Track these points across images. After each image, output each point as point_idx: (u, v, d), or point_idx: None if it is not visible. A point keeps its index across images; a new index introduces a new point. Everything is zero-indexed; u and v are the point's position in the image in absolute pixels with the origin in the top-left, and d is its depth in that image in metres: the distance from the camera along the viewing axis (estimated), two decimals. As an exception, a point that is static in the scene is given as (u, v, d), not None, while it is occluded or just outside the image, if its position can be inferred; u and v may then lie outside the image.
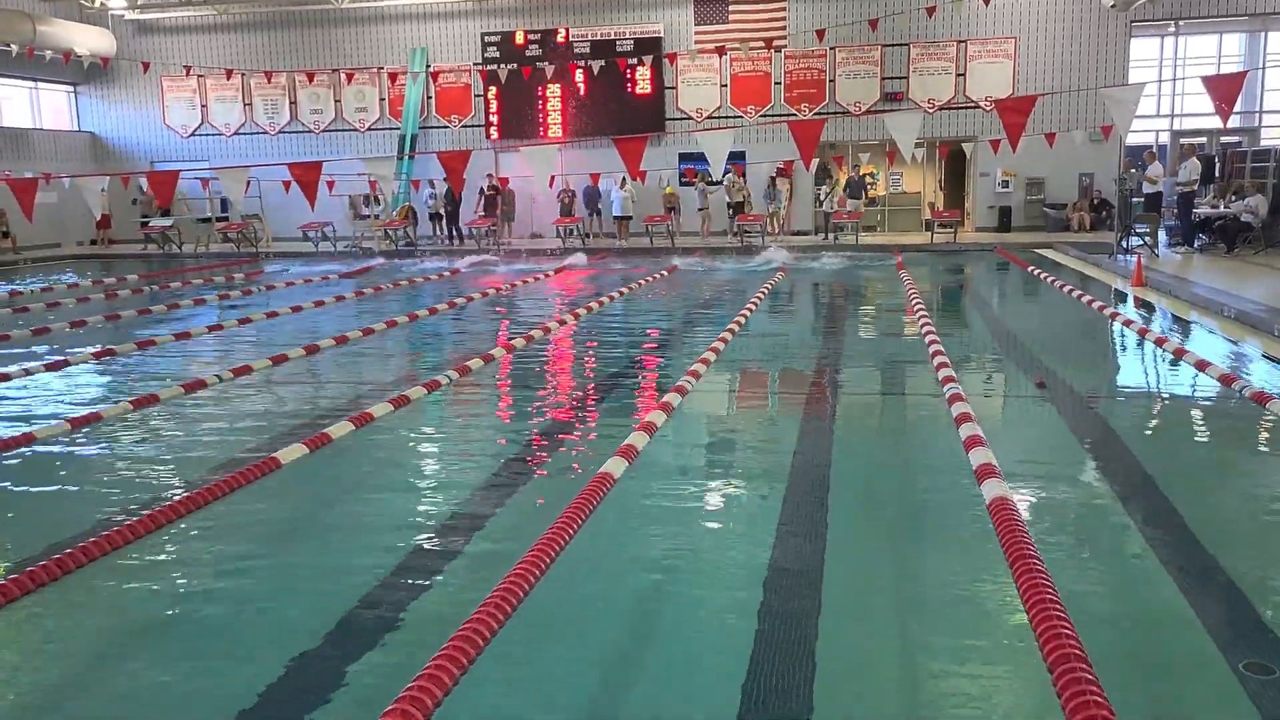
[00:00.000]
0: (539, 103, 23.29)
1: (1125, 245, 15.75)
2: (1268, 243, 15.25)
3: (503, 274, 16.71)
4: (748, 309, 10.77)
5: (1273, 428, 5.91)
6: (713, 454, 5.92)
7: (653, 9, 22.89)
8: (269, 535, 4.52)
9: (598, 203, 22.62)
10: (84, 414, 6.36)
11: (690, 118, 22.87)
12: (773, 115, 22.32)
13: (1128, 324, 9.84)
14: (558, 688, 3.12)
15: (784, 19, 21.81)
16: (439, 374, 7.48)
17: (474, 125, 23.93)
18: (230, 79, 24.76)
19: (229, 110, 25.30)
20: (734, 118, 22.47)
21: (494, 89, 23.25)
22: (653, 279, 14.83)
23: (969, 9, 21.27)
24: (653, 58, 22.40)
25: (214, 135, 25.43)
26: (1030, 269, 14.94)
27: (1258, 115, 21.92)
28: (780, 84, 22.55)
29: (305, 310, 11.89)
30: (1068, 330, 10.33)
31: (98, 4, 24.16)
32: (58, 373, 8.07)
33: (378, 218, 22.69)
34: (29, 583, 3.58)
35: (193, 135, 25.54)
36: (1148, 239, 16.21)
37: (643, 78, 22.80)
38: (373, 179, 16.47)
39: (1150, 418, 6.78)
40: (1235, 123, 21.68)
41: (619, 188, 21.61)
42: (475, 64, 23.68)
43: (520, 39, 23.24)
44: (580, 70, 22.76)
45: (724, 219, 21.90)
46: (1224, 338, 8.87)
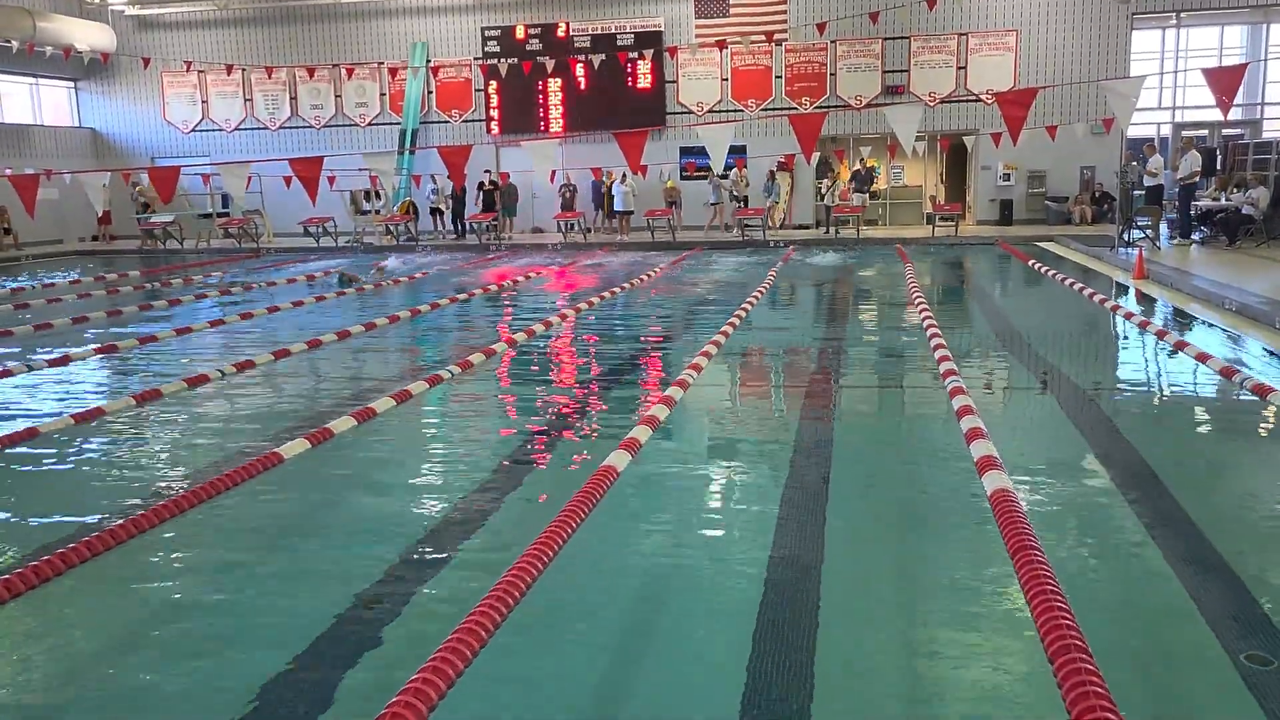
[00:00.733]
0: (539, 97, 23.27)
1: (1127, 238, 15.74)
2: (1269, 235, 15.23)
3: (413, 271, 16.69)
4: (749, 302, 10.78)
5: (1274, 420, 5.91)
6: (714, 447, 5.92)
7: (653, 3, 22.87)
8: (270, 530, 4.53)
9: (602, 197, 22.62)
10: (87, 409, 6.38)
11: (691, 112, 22.86)
12: (773, 109, 22.29)
13: (1129, 317, 9.84)
14: (557, 682, 3.12)
15: (784, 12, 21.76)
16: (440, 368, 7.49)
17: (474, 120, 23.92)
18: (231, 74, 24.73)
19: (229, 106, 25.28)
20: (734, 112, 22.44)
21: (494, 83, 23.22)
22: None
23: (970, 2, 21.25)
24: (653, 52, 22.37)
25: (215, 131, 25.42)
26: (1031, 262, 14.92)
27: (1259, 107, 21.88)
28: (781, 78, 22.53)
29: (306, 305, 11.91)
30: (1069, 323, 10.33)
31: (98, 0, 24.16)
32: (60, 369, 8.08)
33: (378, 213, 22.70)
34: (33, 577, 3.59)
35: (193, 131, 25.53)
36: (1149, 232, 16.19)
37: (643, 72, 22.77)
38: (373, 174, 16.49)
39: (1151, 410, 6.79)
40: (1237, 115, 21.65)
41: (619, 182, 21.60)
42: (475, 58, 23.65)
43: (520, 33, 23.21)
44: (580, 64, 22.72)
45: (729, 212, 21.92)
46: (1225, 330, 8.87)
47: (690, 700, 2.99)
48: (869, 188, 22.27)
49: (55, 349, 8.82)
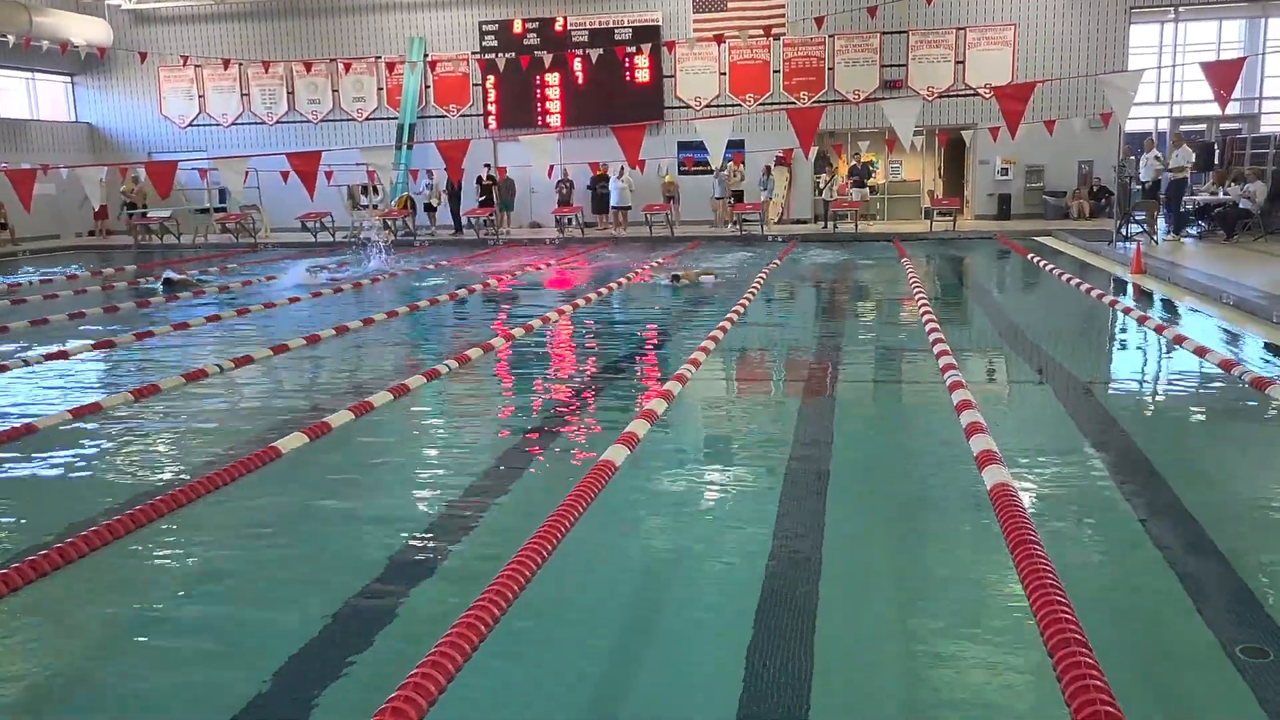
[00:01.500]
0: (537, 92, 23.23)
1: (1125, 232, 15.74)
2: (1267, 230, 15.24)
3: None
4: (747, 297, 10.77)
5: (1272, 414, 5.92)
6: (712, 441, 5.92)
7: (651, -3, 22.83)
8: (267, 525, 4.52)
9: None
10: (84, 404, 6.37)
11: (689, 106, 22.83)
12: (771, 104, 22.27)
13: (1127, 311, 9.85)
14: (557, 676, 3.12)
15: (782, 6, 21.73)
16: (438, 363, 7.49)
17: (472, 115, 23.88)
18: (227, 69, 24.69)
19: (226, 100, 25.24)
20: (733, 106, 22.41)
21: (492, 78, 23.19)
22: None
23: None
24: (651, 46, 22.34)
25: (211, 125, 25.38)
26: (1030, 256, 14.93)
27: (1257, 102, 21.88)
28: (779, 72, 22.51)
29: (303, 301, 11.91)
30: (1067, 317, 10.34)
31: (94, -6, 24.10)
32: (57, 363, 8.07)
33: (375, 208, 22.67)
34: (30, 572, 3.59)
35: (190, 125, 25.48)
36: (1147, 226, 16.20)
37: (641, 66, 22.75)
38: (371, 169, 16.41)
39: (1150, 404, 6.80)
40: (1235, 109, 21.64)
41: (616, 177, 21.56)
42: (473, 53, 23.61)
43: (518, 28, 23.17)
44: (578, 59, 22.68)
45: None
46: (1223, 324, 8.87)
47: (689, 694, 2.98)
48: (868, 182, 22.24)
49: (53, 343, 8.81)
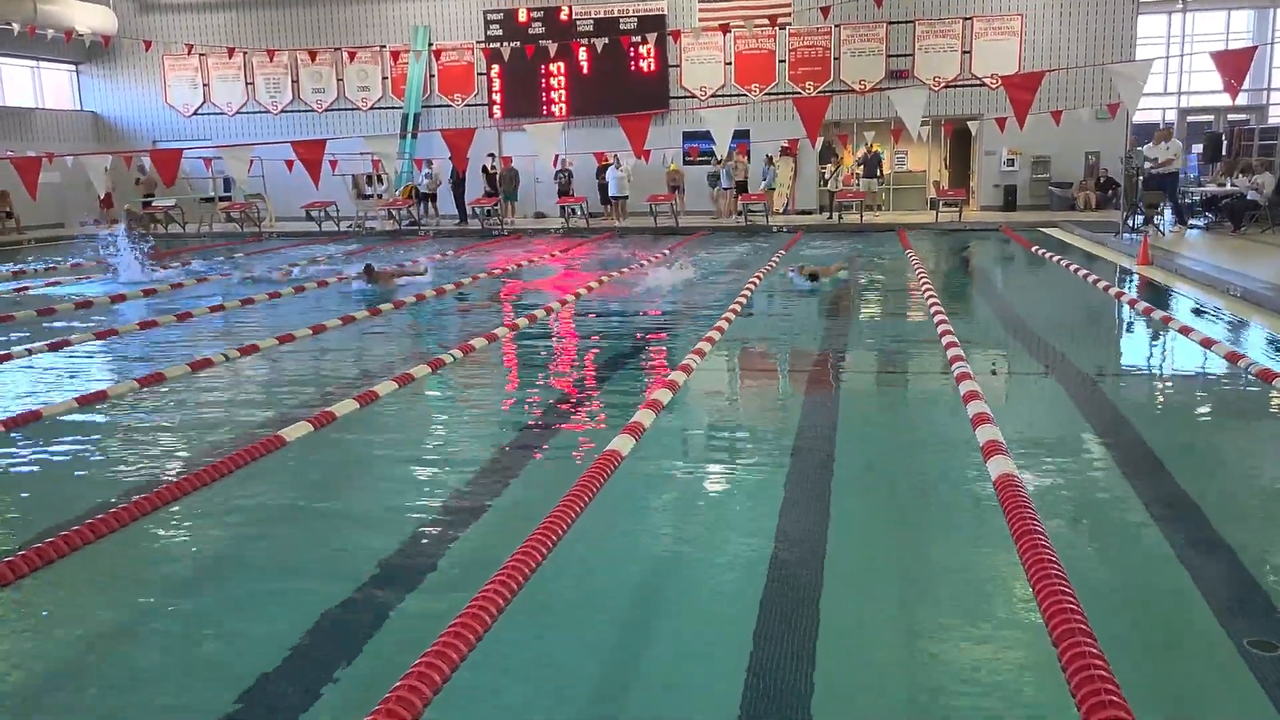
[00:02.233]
0: (542, 81, 23.16)
1: (1131, 224, 15.68)
2: (1274, 221, 15.17)
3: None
4: (750, 286, 10.75)
5: (1278, 405, 5.90)
6: (717, 431, 5.91)
7: (656, -14, 22.73)
8: (272, 515, 4.52)
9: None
10: (90, 392, 6.38)
11: (694, 96, 22.75)
12: (777, 93, 22.18)
13: (1133, 303, 9.81)
14: (557, 672, 3.11)
15: (789, -4, 21.63)
16: (443, 353, 7.49)
17: (477, 104, 23.83)
18: (232, 58, 24.65)
19: (231, 89, 25.21)
20: (738, 96, 22.34)
21: (496, 67, 23.13)
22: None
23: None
24: (656, 35, 22.25)
25: (216, 114, 25.35)
26: (1036, 248, 14.87)
27: (1265, 93, 21.78)
28: (785, 62, 22.41)
29: (309, 290, 11.91)
30: (1074, 309, 10.30)
31: (98, -18, 24.06)
32: (62, 352, 8.09)
33: (380, 197, 22.65)
34: (36, 559, 3.60)
35: (195, 114, 25.46)
36: (1155, 217, 16.13)
37: (646, 55, 22.67)
38: (376, 158, 16.42)
39: (1156, 395, 6.78)
40: (1242, 100, 21.53)
41: (614, 167, 21.47)
42: (478, 42, 23.54)
43: (523, 17, 23.09)
44: (583, 48, 22.60)
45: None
46: (1230, 316, 8.84)
47: (694, 680, 2.98)
48: (878, 171, 22.15)
49: (58, 332, 8.82)
